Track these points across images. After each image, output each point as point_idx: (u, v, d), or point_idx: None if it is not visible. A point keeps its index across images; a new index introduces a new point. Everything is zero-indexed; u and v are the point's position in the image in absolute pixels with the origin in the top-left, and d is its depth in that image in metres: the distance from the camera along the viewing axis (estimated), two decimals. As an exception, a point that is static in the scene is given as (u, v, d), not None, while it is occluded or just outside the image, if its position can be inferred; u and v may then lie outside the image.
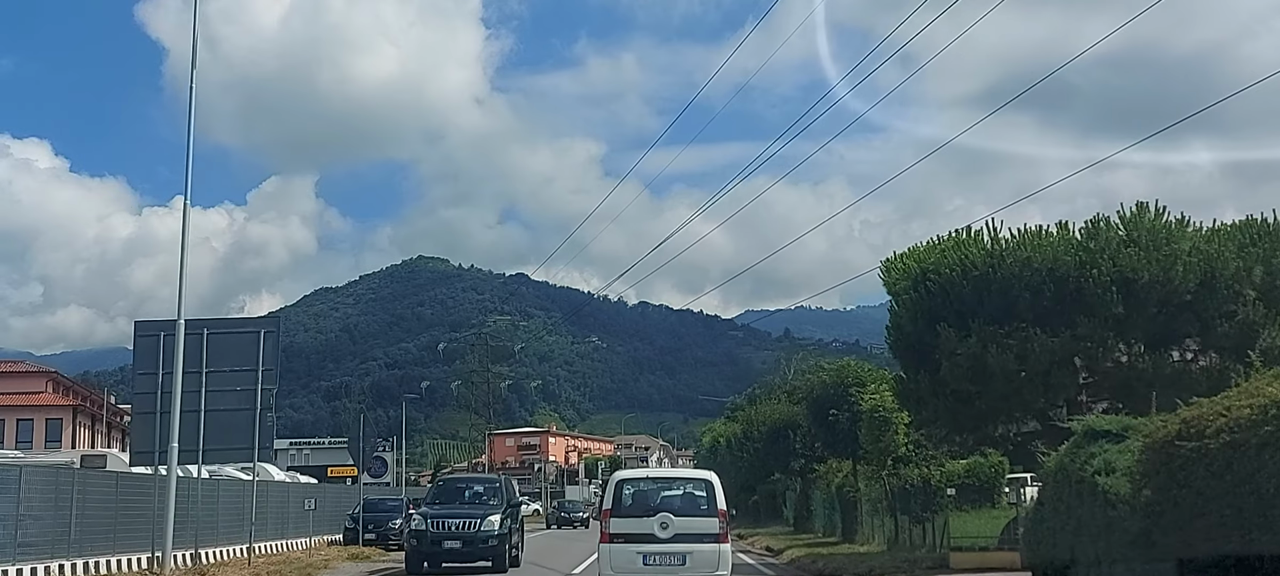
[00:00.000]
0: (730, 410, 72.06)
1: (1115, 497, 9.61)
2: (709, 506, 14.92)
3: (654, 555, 14.51)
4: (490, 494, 22.94)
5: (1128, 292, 18.36)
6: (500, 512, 21.69)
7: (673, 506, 15.08)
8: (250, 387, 19.00)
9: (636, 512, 14.93)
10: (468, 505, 22.16)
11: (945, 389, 19.74)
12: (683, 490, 15.79)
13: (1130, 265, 18.29)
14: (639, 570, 14.55)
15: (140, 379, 18.74)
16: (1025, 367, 18.66)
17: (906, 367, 21.35)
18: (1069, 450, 11.59)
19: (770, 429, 41.34)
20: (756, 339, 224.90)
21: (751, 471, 46.46)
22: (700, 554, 14.53)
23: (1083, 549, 10.45)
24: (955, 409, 20.03)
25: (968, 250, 19.55)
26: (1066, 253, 18.79)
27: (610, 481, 16.31)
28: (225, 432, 18.78)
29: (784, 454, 39.61)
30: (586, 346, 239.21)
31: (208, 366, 18.78)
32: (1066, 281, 18.63)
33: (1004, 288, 18.95)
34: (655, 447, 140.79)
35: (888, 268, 21.80)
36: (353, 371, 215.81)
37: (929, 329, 19.74)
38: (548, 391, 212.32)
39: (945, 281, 19.57)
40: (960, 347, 19.05)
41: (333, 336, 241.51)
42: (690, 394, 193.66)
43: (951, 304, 19.48)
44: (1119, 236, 18.79)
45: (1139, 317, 18.52)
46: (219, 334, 19.15)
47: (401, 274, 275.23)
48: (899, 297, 21.00)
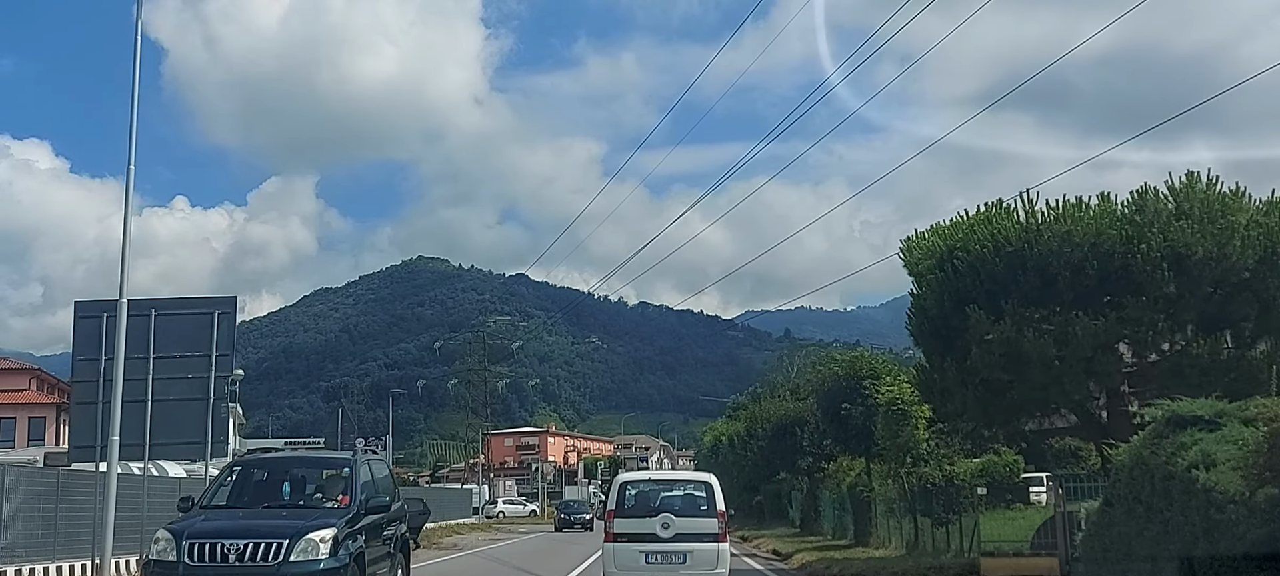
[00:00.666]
0: (732, 408, 70.26)
1: (1222, 496, 7.74)
2: (709, 507, 15.54)
3: (656, 554, 15.11)
4: (323, 488, 13.58)
5: (1180, 270, 16.48)
6: (337, 525, 12.11)
7: (674, 507, 15.70)
8: (203, 375, 17.03)
9: (639, 513, 15.56)
10: (272, 511, 12.75)
11: (974, 378, 17.84)
12: (684, 491, 16.42)
13: (1183, 239, 16.40)
14: (642, 568, 15.16)
15: (80, 365, 16.77)
16: (1065, 353, 16.77)
17: (930, 355, 19.43)
18: (1148, 441, 9.72)
19: (776, 426, 39.37)
20: (757, 339, 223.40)
21: (755, 470, 44.58)
22: (700, 553, 15.11)
23: (1172, 556, 8.58)
24: (985, 400, 18.12)
25: (1000, 225, 17.66)
26: (1111, 226, 16.89)
27: (614, 483, 16.95)
28: (174, 425, 16.82)
29: (790, 452, 37.67)
30: (586, 346, 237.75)
31: (155, 351, 16.85)
32: (1111, 258, 16.74)
33: (1041, 265, 17.06)
34: (655, 448, 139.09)
35: (909, 247, 19.92)
36: (352, 372, 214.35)
37: (956, 311, 17.85)
38: (548, 391, 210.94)
39: (975, 259, 17.68)
40: (992, 332, 17.17)
41: (332, 337, 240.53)
42: (690, 394, 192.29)
43: (982, 283, 17.59)
44: (1169, 208, 16.90)
45: (1192, 298, 16.63)
46: (168, 315, 17.14)
47: (401, 274, 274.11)
48: (922, 279, 19.12)
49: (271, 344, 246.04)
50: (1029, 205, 17.68)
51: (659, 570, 15.15)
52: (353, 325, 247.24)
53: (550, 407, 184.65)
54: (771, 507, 45.28)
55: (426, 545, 35.27)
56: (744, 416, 49.73)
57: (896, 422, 22.29)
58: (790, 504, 40.77)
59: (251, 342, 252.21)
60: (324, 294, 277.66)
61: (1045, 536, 18.13)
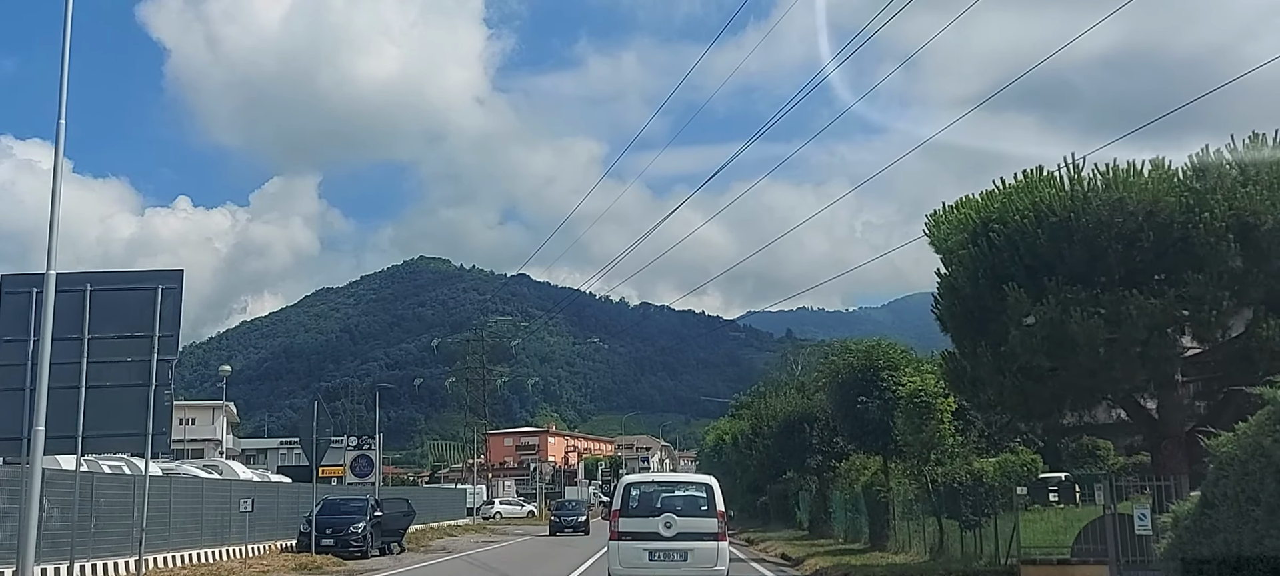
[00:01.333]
0: (736, 407, 68.27)
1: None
2: (709, 508, 16.20)
3: (659, 552, 15.83)
4: None
5: (1246, 241, 14.64)
6: None
7: (676, 507, 16.32)
8: (144, 358, 15.09)
9: (643, 513, 16.24)
10: None
11: (1012, 365, 15.95)
12: (685, 493, 17.08)
13: (1250, 207, 14.56)
14: (645, 565, 15.85)
15: (6, 347, 14.86)
16: (1116, 336, 14.87)
17: (961, 341, 17.50)
18: (1263, 426, 7.83)
19: (783, 422, 37.15)
20: (758, 340, 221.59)
21: (761, 470, 42.55)
22: (701, 551, 15.79)
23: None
24: (1024, 390, 16.21)
25: (1042, 192, 15.78)
26: (1168, 193, 15.00)
27: (619, 485, 17.86)
28: (111, 414, 14.89)
29: (799, 449, 35.29)
30: (587, 346, 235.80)
31: (91, 332, 14.93)
32: (1169, 228, 14.87)
33: (1089, 237, 15.18)
34: (657, 448, 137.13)
35: (936, 222, 18.05)
36: (353, 372, 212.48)
37: (992, 290, 15.99)
38: (549, 392, 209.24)
39: (1013, 231, 15.82)
40: (1033, 313, 15.30)
41: (333, 337, 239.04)
42: (692, 395, 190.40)
43: (1021, 259, 15.73)
44: (1233, 174, 15.01)
45: (1260, 272, 14.77)
46: (105, 291, 15.13)
47: (402, 274, 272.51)
48: (952, 256, 17.24)
49: (272, 344, 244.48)
50: (1074, 171, 15.78)
51: (662, 566, 15.87)
52: (354, 325, 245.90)
53: (551, 408, 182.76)
54: (777, 509, 43.02)
55: (414, 547, 33.33)
56: (748, 414, 47.71)
57: (919, 417, 20.31)
58: (798, 505, 38.55)
59: (252, 343, 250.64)
60: (325, 294, 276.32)
61: (1090, 540, 16.28)
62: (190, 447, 63.49)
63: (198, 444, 66.46)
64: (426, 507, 46.39)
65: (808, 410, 35.41)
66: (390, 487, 60.45)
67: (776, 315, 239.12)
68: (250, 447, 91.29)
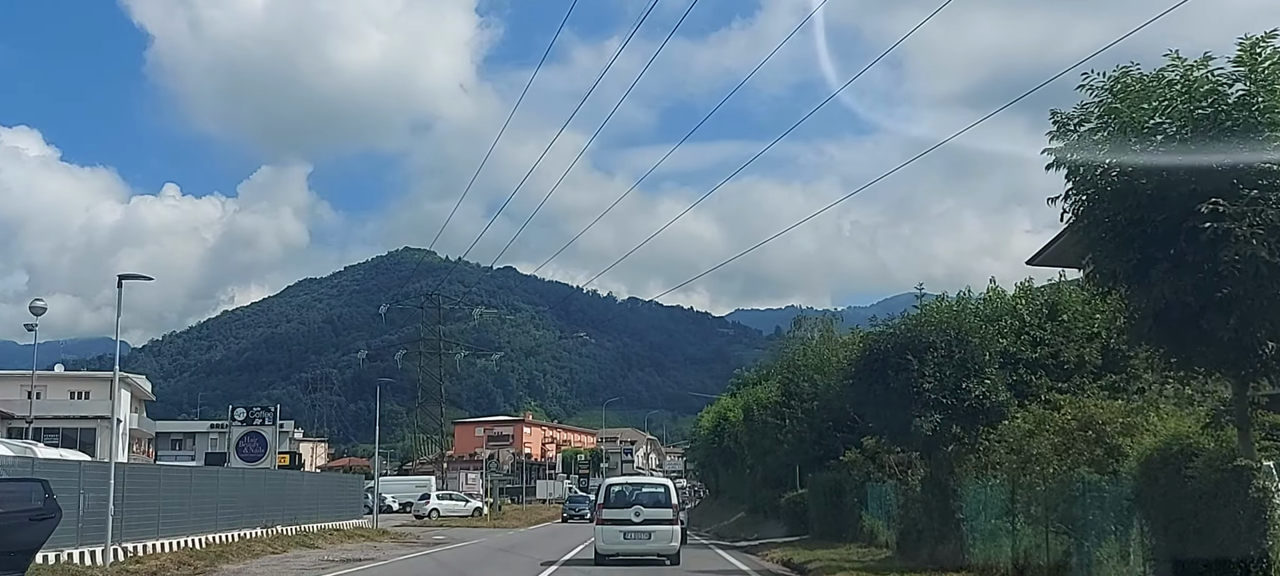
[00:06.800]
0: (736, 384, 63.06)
1: None
2: (666, 501, 23.46)
3: (631, 532, 22.93)
4: None
5: None
6: None
7: (643, 501, 23.45)
8: None
9: (618, 505, 23.57)
10: None
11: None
12: (650, 490, 24.34)
13: None
14: (621, 543, 23.01)
15: None
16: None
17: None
18: None
19: (865, 355, 21.31)
20: (747, 337, 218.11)
21: (794, 451, 34.89)
22: (660, 531, 22.99)
23: None
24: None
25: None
26: None
27: (602, 485, 27.23)
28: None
29: (892, 403, 19.78)
30: (574, 341, 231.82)
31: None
32: None
33: None
34: (642, 442, 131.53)
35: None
36: (335, 362, 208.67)
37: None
38: (534, 385, 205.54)
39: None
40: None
41: (315, 327, 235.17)
42: (679, 391, 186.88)
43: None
44: None
45: None
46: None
47: (387, 265, 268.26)
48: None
49: (253, 334, 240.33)
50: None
51: (633, 543, 22.86)
52: (336, 315, 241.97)
53: (536, 401, 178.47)
54: (823, 511, 30.87)
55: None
56: (777, 376, 39.51)
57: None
58: (865, 507, 27.18)
59: (234, 332, 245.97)
60: (308, 284, 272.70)
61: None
62: (82, 425, 56.42)
63: (89, 422, 57.66)
64: (298, 502, 36.13)
65: (917, 332, 20.33)
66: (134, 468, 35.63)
67: (765, 313, 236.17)
68: (174, 431, 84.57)
